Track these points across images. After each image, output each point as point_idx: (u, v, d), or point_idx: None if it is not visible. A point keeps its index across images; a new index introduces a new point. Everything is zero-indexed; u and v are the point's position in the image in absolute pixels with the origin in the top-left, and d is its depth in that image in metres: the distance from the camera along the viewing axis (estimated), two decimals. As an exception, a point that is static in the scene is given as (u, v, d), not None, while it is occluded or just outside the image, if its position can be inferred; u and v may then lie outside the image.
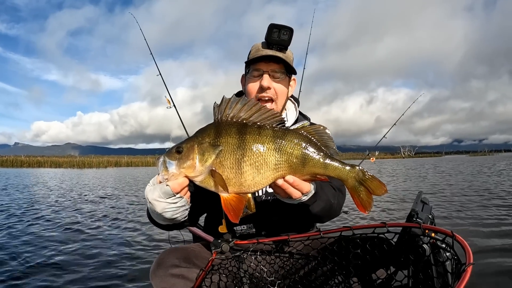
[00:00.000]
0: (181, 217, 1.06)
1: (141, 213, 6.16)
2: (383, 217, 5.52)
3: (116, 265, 3.21)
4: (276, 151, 0.98)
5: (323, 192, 1.23)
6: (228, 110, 1.00)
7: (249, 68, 1.42)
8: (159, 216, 1.04)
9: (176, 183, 0.97)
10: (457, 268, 0.91)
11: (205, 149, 0.97)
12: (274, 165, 0.98)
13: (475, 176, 12.62)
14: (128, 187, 12.04)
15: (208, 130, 1.00)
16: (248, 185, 0.98)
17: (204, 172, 0.97)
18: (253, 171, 0.97)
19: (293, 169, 1.00)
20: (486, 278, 2.63)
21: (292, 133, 1.00)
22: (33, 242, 4.07)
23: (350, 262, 1.17)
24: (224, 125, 0.99)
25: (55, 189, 11.06)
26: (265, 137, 0.98)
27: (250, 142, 0.97)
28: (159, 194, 0.98)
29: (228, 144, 0.97)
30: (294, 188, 1.02)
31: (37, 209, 6.67)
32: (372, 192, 1.02)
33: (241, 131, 0.98)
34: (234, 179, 0.97)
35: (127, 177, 18.52)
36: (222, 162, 0.96)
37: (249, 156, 0.97)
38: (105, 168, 35.90)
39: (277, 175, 0.99)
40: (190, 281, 1.14)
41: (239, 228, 1.38)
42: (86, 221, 5.47)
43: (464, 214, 5.45)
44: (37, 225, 5.13)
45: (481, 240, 3.78)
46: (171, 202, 1.00)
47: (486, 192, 8.30)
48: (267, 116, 1.01)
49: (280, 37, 1.35)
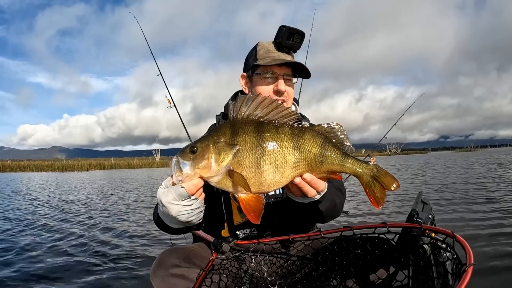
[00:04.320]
0: (196, 220, 1.02)
1: (141, 213, 6.16)
2: (384, 217, 5.52)
3: (116, 265, 3.21)
4: (295, 149, 0.97)
5: (328, 192, 1.23)
6: (243, 108, 0.98)
7: (258, 69, 1.40)
8: (173, 220, 0.99)
9: (191, 184, 0.93)
10: (458, 268, 0.91)
11: (221, 148, 0.94)
12: (293, 163, 0.97)
13: (475, 176, 12.61)
14: (127, 188, 12.06)
15: (224, 128, 0.97)
16: (268, 185, 0.96)
17: (220, 172, 0.94)
18: (273, 170, 0.95)
19: (311, 167, 0.99)
20: (486, 278, 2.63)
21: (310, 131, 1.00)
22: (31, 247, 4.06)
23: (350, 262, 1.17)
24: (240, 123, 0.97)
25: (38, 193, 11.01)
26: (283, 135, 0.97)
27: (268, 140, 0.95)
28: (174, 197, 0.94)
29: (246, 143, 0.95)
30: (311, 186, 1.01)
31: (36, 213, 6.68)
32: (385, 187, 1.02)
33: (258, 130, 0.96)
34: (253, 179, 0.95)
35: (116, 179, 18.50)
36: (240, 162, 0.94)
37: (268, 155, 0.95)
38: (87, 171, 35.80)
39: (296, 173, 0.98)
40: (191, 281, 1.14)
41: (241, 232, 1.38)
42: (83, 221, 5.48)
43: (465, 214, 5.44)
44: (35, 231, 5.13)
45: (482, 240, 3.77)
46: (186, 205, 0.95)
47: (486, 192, 8.29)
48: (283, 114, 1.00)
49: (292, 40, 1.36)
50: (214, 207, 1.37)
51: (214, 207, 1.37)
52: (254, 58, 1.42)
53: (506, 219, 4.94)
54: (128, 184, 13.74)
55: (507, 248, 3.44)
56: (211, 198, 1.00)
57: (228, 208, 1.37)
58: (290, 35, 1.35)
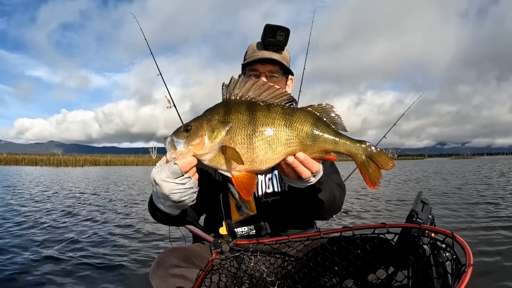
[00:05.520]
0: (189, 200, 1.01)
1: (140, 212, 6.16)
2: (383, 217, 5.52)
3: (116, 265, 3.20)
4: (287, 126, 0.98)
5: (327, 183, 1.23)
6: (236, 90, 1.00)
7: (245, 69, 1.43)
8: (166, 200, 0.98)
9: (185, 161, 0.94)
10: (457, 268, 0.91)
11: (215, 126, 0.96)
12: (285, 141, 0.98)
13: (475, 177, 12.62)
14: (124, 185, 12.05)
15: (217, 108, 1.00)
16: (260, 161, 0.98)
17: (213, 149, 0.95)
18: (265, 146, 0.97)
19: (303, 145, 1.00)
20: (486, 278, 2.63)
21: (301, 111, 1.01)
22: (24, 243, 4.05)
23: (350, 262, 1.17)
24: (233, 103, 0.99)
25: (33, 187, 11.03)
26: (275, 114, 0.99)
27: (260, 118, 0.98)
28: (167, 174, 0.94)
29: (239, 121, 0.97)
30: (304, 166, 1.01)
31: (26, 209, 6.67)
32: (380, 166, 1.02)
33: (250, 108, 0.99)
34: (245, 155, 0.96)
35: (111, 176, 18.49)
36: (232, 138, 0.96)
37: (260, 132, 0.97)
38: (81, 167, 35.61)
39: (288, 151, 0.99)
40: (190, 281, 1.14)
41: (239, 229, 1.38)
42: (81, 220, 5.47)
43: (464, 215, 5.45)
44: (33, 226, 5.12)
45: (481, 241, 3.78)
46: (180, 183, 0.95)
47: (486, 192, 8.30)
48: (275, 94, 1.01)
49: (276, 38, 1.36)
50: (212, 205, 1.37)
51: (212, 204, 1.37)
52: (244, 58, 1.46)
53: (506, 219, 4.95)
54: (125, 181, 13.73)
55: (507, 248, 3.45)
56: (209, 195, 1.00)
57: (227, 206, 1.38)
58: (273, 32, 1.35)
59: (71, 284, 2.76)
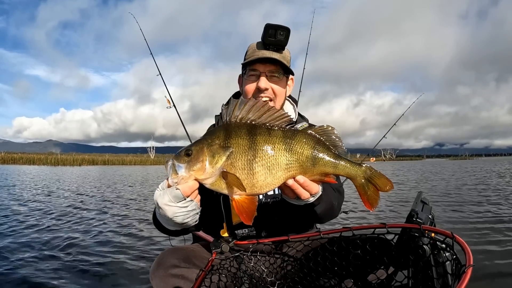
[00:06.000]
0: (192, 222, 1.05)
1: (140, 212, 6.16)
2: (383, 217, 5.52)
3: (116, 265, 3.20)
4: (287, 151, 0.99)
5: (325, 194, 1.23)
6: (236, 112, 1.00)
7: (246, 69, 1.42)
8: (170, 221, 1.02)
9: (187, 186, 0.96)
10: (457, 269, 0.91)
11: (215, 151, 0.97)
12: (285, 165, 0.99)
13: (475, 177, 12.63)
14: (122, 185, 12.05)
15: (217, 132, 1.00)
16: (260, 186, 0.98)
17: (214, 174, 0.96)
18: (265, 171, 0.97)
19: (303, 168, 1.00)
20: (486, 279, 2.63)
21: (301, 134, 1.01)
22: (23, 243, 4.06)
23: (350, 262, 1.17)
24: (234, 126, 1.00)
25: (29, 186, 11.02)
26: (275, 138, 0.99)
27: (260, 143, 0.98)
28: (169, 199, 0.97)
29: (239, 146, 0.97)
30: (303, 188, 1.02)
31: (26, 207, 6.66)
32: (379, 188, 1.03)
33: (251, 132, 0.98)
34: (246, 180, 0.97)
35: (110, 175, 18.47)
36: (233, 164, 0.96)
37: (260, 157, 0.97)
38: (79, 166, 35.50)
39: (288, 175, 1.00)
40: (190, 281, 1.14)
41: (240, 231, 1.38)
42: (80, 220, 5.47)
43: (464, 215, 5.45)
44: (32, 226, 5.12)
45: (481, 241, 3.78)
46: (182, 206, 0.98)
47: (486, 192, 8.30)
48: (275, 117, 1.01)
49: (276, 37, 1.36)
50: (213, 207, 1.37)
51: (213, 207, 1.37)
52: (244, 58, 1.45)
53: (506, 220, 4.95)
54: (123, 181, 13.71)
55: (507, 249, 3.45)
56: (209, 198, 1.01)
57: (227, 208, 1.37)
58: (274, 31, 1.35)
59: (71, 284, 2.76)
